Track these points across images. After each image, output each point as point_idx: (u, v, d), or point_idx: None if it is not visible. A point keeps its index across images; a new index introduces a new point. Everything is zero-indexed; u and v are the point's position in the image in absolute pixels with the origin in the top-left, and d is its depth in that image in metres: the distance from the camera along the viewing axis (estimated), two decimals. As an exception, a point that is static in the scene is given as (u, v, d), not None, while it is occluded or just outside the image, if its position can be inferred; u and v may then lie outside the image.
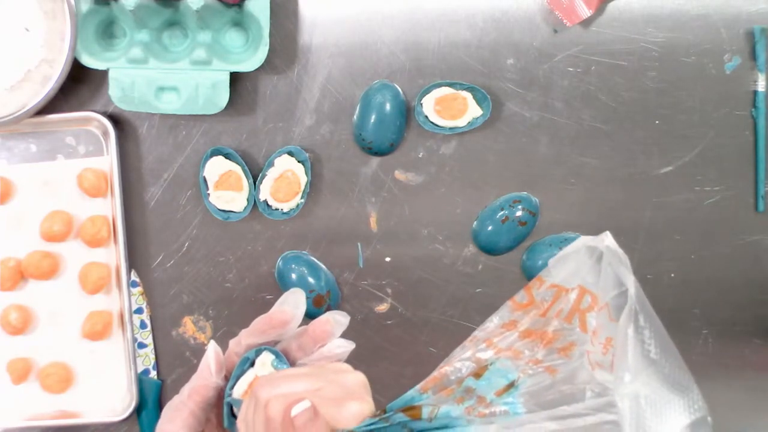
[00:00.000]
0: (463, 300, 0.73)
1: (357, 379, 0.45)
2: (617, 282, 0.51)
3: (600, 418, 0.47)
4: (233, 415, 0.48)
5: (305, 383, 0.43)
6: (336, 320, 0.48)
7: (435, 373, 0.51)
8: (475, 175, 0.72)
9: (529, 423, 0.47)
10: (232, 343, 0.50)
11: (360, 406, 0.41)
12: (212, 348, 0.47)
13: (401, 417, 0.45)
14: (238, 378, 0.48)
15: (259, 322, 0.49)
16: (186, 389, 0.48)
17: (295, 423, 0.40)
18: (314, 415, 0.41)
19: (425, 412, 0.46)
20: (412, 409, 0.46)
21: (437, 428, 0.46)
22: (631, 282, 0.49)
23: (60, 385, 0.69)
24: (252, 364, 0.48)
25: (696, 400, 0.48)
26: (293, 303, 0.48)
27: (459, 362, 0.53)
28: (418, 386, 0.48)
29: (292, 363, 0.49)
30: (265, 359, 0.48)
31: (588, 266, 0.52)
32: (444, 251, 0.72)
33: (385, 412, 0.45)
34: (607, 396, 0.48)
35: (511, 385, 0.49)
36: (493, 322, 0.55)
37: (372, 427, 0.43)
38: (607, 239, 0.51)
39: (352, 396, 0.42)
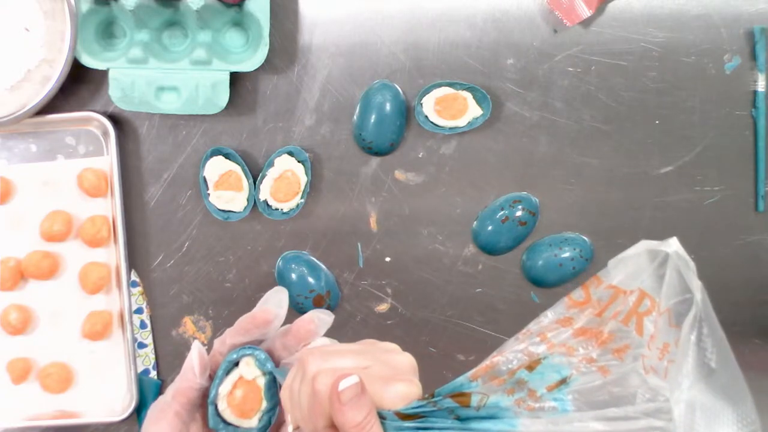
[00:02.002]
0: (463, 300, 0.73)
1: (406, 360, 0.45)
2: (681, 288, 0.51)
3: (648, 423, 0.47)
4: (218, 415, 0.48)
5: (355, 360, 0.42)
6: (320, 319, 0.48)
7: (486, 362, 0.51)
8: (475, 175, 0.72)
9: (578, 421, 0.47)
10: (216, 342, 0.49)
11: (408, 387, 0.42)
12: (196, 349, 0.47)
13: (450, 402, 0.44)
14: (222, 378, 0.48)
15: (243, 321, 0.48)
16: (170, 390, 0.48)
17: (341, 398, 0.40)
18: (361, 392, 0.40)
19: (474, 400, 0.45)
20: (461, 396, 0.45)
21: (484, 417, 0.45)
22: (698, 288, 0.49)
23: (60, 385, 0.69)
24: (236, 364, 0.48)
25: (749, 414, 0.48)
26: (276, 302, 0.48)
27: (511, 353, 0.52)
28: (468, 374, 0.48)
29: (276, 362, 0.48)
30: (250, 359, 0.48)
31: (649, 270, 0.53)
32: (444, 251, 0.72)
33: (433, 395, 0.45)
34: (657, 402, 0.48)
35: (563, 381, 0.49)
36: (548, 317, 0.55)
37: (419, 410, 0.43)
38: (674, 244, 0.51)
39: (401, 377, 0.42)
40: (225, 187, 0.69)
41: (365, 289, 0.73)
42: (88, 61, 0.66)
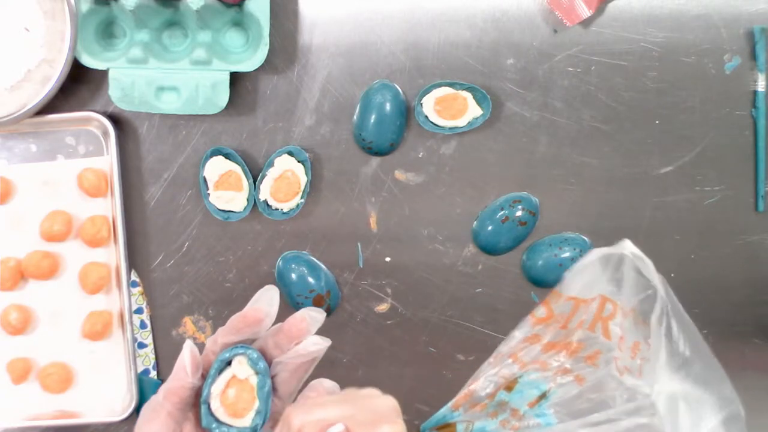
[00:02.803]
0: (463, 300, 0.73)
1: (388, 403, 0.46)
2: (641, 286, 0.52)
3: (632, 422, 0.47)
4: (211, 414, 0.48)
5: (338, 409, 0.43)
6: (311, 317, 0.48)
7: (464, 391, 0.51)
8: (475, 175, 0.72)
9: None
10: (209, 341, 0.49)
11: (392, 428, 0.43)
12: (188, 348, 0.47)
13: None
14: (215, 377, 0.48)
15: (234, 320, 0.49)
16: (162, 390, 0.48)
17: None
18: None
19: (460, 429, 0.46)
20: (447, 427, 0.46)
21: None
22: (659, 282, 0.49)
23: (60, 385, 0.69)
24: (229, 363, 0.48)
25: (728, 394, 0.48)
26: (267, 301, 0.48)
27: (487, 379, 0.53)
28: (449, 404, 0.49)
29: (268, 361, 0.49)
30: (242, 358, 0.48)
31: (605, 276, 0.53)
32: (444, 251, 0.72)
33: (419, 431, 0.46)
34: (636, 400, 0.49)
35: (543, 396, 0.49)
36: (516, 337, 0.55)
37: None
38: (627, 246, 0.52)
39: (385, 419, 0.43)
40: (225, 187, 0.69)
41: (365, 289, 0.73)
42: (88, 61, 0.66)
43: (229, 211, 0.70)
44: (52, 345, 0.70)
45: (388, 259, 0.72)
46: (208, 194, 0.69)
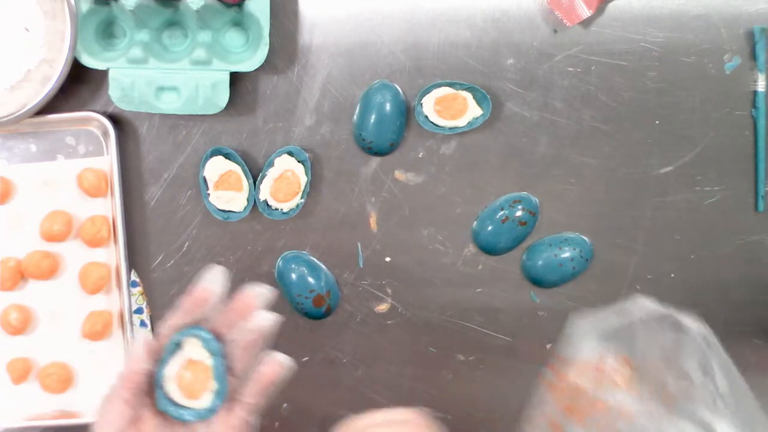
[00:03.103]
0: (463, 300, 0.73)
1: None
2: (664, 336, 0.52)
3: None
4: (167, 397, 0.49)
5: None
6: (259, 293, 0.49)
7: None
8: (475, 175, 0.72)
9: None
10: (161, 327, 0.50)
11: None
12: (141, 335, 0.48)
13: None
14: (168, 360, 0.49)
15: (183, 302, 0.49)
16: (118, 378, 0.48)
17: None
18: None
19: None
20: None
21: None
22: (693, 323, 0.50)
23: (60, 385, 0.69)
24: (180, 345, 0.49)
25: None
26: (211, 279, 0.49)
27: None
28: None
29: (221, 341, 0.49)
30: (195, 340, 0.49)
31: (625, 329, 0.53)
32: (444, 251, 0.72)
33: None
34: None
35: None
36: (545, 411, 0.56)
37: None
38: (647, 303, 0.52)
39: None
40: (225, 187, 0.69)
41: (365, 289, 0.73)
42: (88, 61, 0.66)
43: (229, 211, 0.70)
44: (52, 345, 0.70)
45: (388, 259, 0.72)
46: (208, 194, 0.69)
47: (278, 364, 0.50)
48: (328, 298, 0.71)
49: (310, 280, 0.71)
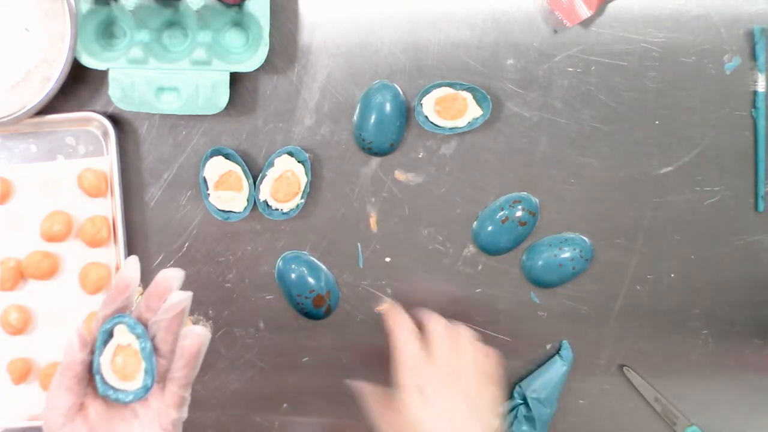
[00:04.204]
0: (463, 300, 0.73)
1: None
2: None
3: None
4: (105, 383, 0.52)
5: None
6: (172, 276, 0.53)
7: None
8: (475, 175, 0.72)
9: None
10: (93, 321, 0.54)
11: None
12: (74, 328, 0.52)
13: None
14: (101, 349, 0.52)
15: (107, 294, 0.53)
16: (59, 368, 0.52)
17: None
18: None
19: None
20: None
21: None
22: None
23: (60, 385, 0.69)
24: (111, 334, 0.53)
25: None
26: (129, 268, 0.53)
27: None
28: None
29: (144, 324, 0.53)
30: (121, 326, 0.52)
31: None
32: (444, 251, 0.72)
33: None
34: None
35: None
36: None
37: None
38: None
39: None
40: (225, 188, 0.69)
41: (365, 289, 0.73)
42: (88, 61, 0.66)
43: (229, 212, 0.70)
44: (52, 345, 0.70)
45: (388, 259, 0.72)
46: (208, 194, 0.69)
47: (197, 336, 0.53)
48: (328, 298, 0.71)
49: (310, 280, 0.71)
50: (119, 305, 0.53)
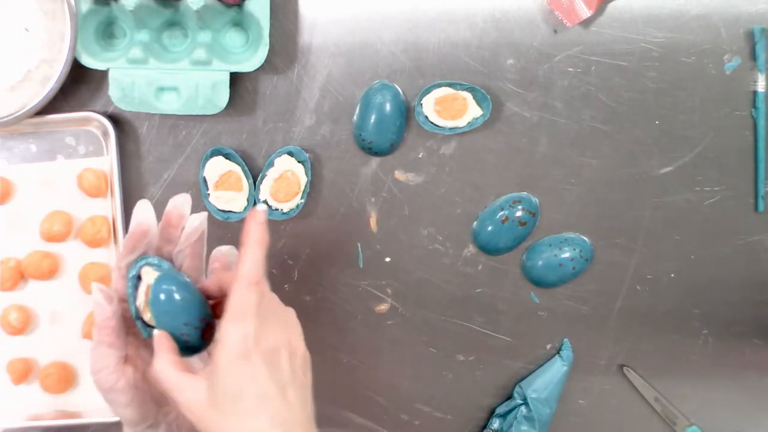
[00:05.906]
0: (463, 300, 0.73)
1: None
2: None
3: None
4: (148, 326, 0.51)
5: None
6: (181, 202, 0.53)
7: None
8: (475, 175, 0.72)
9: None
10: (113, 271, 0.53)
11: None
12: (96, 287, 0.51)
13: None
14: (134, 294, 0.51)
15: (126, 242, 0.52)
16: (94, 330, 0.51)
17: None
18: None
19: None
20: None
21: None
22: None
23: (60, 385, 0.69)
24: (139, 278, 0.52)
25: None
26: (143, 213, 0.52)
27: None
28: None
29: (168, 258, 0.53)
30: (147, 268, 0.52)
31: None
32: (444, 251, 0.72)
33: None
34: None
35: None
36: None
37: None
38: None
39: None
40: (225, 188, 0.69)
41: (365, 289, 0.73)
42: (88, 61, 0.66)
43: (229, 211, 0.70)
44: (52, 345, 0.70)
45: (388, 259, 0.72)
46: (208, 194, 0.69)
47: (222, 255, 0.54)
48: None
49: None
50: (140, 251, 0.52)
